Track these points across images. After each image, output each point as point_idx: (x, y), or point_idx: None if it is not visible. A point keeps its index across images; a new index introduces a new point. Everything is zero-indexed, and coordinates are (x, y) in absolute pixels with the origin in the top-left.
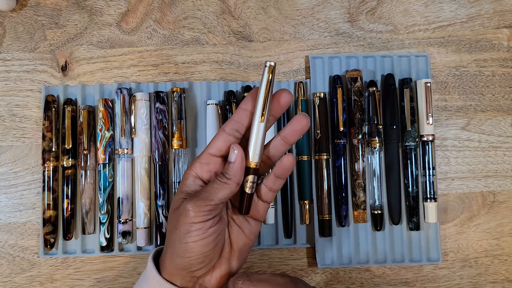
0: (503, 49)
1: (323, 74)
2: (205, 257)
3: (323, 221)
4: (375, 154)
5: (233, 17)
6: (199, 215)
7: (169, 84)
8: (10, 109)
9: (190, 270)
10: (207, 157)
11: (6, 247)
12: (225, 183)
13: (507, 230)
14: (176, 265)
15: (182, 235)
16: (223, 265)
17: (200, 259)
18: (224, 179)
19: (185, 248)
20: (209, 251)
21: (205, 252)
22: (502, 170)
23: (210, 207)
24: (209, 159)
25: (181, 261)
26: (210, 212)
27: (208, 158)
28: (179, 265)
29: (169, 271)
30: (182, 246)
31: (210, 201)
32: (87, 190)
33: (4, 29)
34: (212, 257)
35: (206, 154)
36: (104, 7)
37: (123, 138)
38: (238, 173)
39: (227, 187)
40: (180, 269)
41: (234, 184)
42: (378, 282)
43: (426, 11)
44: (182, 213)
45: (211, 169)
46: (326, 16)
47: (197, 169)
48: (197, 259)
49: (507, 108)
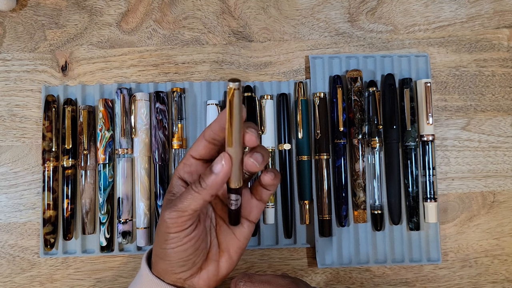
0: (503, 49)
1: (323, 74)
2: (185, 261)
3: (323, 221)
4: (375, 154)
5: (233, 17)
6: (175, 225)
7: (169, 84)
8: (10, 109)
9: (173, 272)
10: (188, 159)
11: (6, 247)
12: (198, 193)
13: (507, 230)
14: (161, 266)
15: (161, 241)
16: (210, 266)
17: (181, 263)
18: (198, 188)
19: (164, 254)
20: (189, 256)
21: (184, 257)
22: (502, 170)
23: (185, 218)
24: (191, 161)
25: (163, 264)
26: (185, 223)
27: (189, 160)
28: (163, 267)
29: (158, 271)
30: (161, 251)
31: (184, 212)
32: (87, 190)
33: (4, 29)
34: (194, 261)
35: (188, 156)
36: (104, 7)
37: (123, 138)
38: (215, 186)
39: (201, 197)
40: (165, 270)
41: (208, 195)
42: (378, 282)
43: (426, 11)
44: (161, 221)
45: (192, 171)
46: (326, 16)
47: (180, 170)
48: (177, 263)
49: (507, 108)
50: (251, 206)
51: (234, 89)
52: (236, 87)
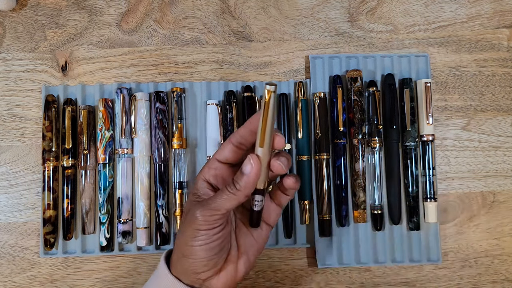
0: (503, 49)
1: (323, 74)
2: (209, 260)
3: (323, 221)
4: (375, 154)
5: (233, 17)
6: (206, 223)
7: (169, 84)
8: (10, 109)
9: (195, 272)
10: (214, 163)
11: (6, 247)
12: (234, 194)
13: (507, 230)
14: (182, 265)
15: (188, 238)
16: (229, 268)
17: (204, 262)
18: (233, 190)
19: (190, 251)
20: (214, 255)
21: (209, 256)
22: (502, 170)
23: (217, 217)
24: (216, 164)
25: (186, 262)
26: (216, 221)
27: (215, 164)
28: (185, 266)
29: (177, 270)
30: (187, 248)
31: (217, 211)
32: (87, 190)
33: (4, 29)
34: (217, 261)
35: (213, 160)
36: (104, 7)
37: (123, 138)
38: (249, 187)
39: (235, 198)
40: (186, 270)
41: (242, 196)
42: (378, 282)
43: (426, 11)
44: (191, 218)
45: (217, 174)
46: (326, 16)
47: (205, 173)
48: (201, 262)
49: (507, 108)
50: (270, 210)
51: (271, 91)
52: (273, 90)
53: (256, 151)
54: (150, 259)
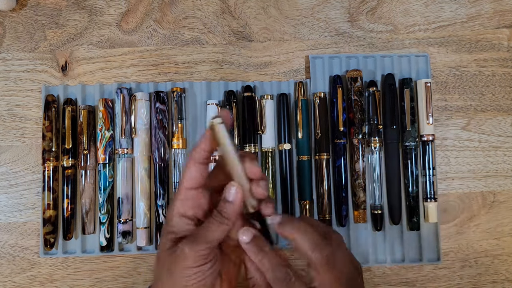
0: (503, 49)
1: (323, 74)
2: None
3: (323, 221)
4: (375, 154)
5: (233, 17)
6: (199, 259)
7: (169, 84)
8: (10, 109)
9: None
10: (185, 193)
11: (6, 247)
12: (222, 223)
13: (507, 230)
14: None
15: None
16: None
17: None
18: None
19: None
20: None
21: None
22: (502, 170)
23: (209, 250)
24: (187, 194)
25: None
26: (208, 255)
27: (186, 194)
28: None
29: None
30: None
31: (208, 244)
32: (87, 190)
33: (4, 29)
34: None
35: (183, 190)
36: (104, 7)
37: (123, 138)
38: (235, 214)
39: (224, 227)
40: None
41: (230, 223)
42: (378, 282)
43: (426, 11)
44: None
45: (194, 205)
46: (326, 16)
47: (179, 208)
48: None
49: (507, 108)
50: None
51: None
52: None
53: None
54: (150, 259)
